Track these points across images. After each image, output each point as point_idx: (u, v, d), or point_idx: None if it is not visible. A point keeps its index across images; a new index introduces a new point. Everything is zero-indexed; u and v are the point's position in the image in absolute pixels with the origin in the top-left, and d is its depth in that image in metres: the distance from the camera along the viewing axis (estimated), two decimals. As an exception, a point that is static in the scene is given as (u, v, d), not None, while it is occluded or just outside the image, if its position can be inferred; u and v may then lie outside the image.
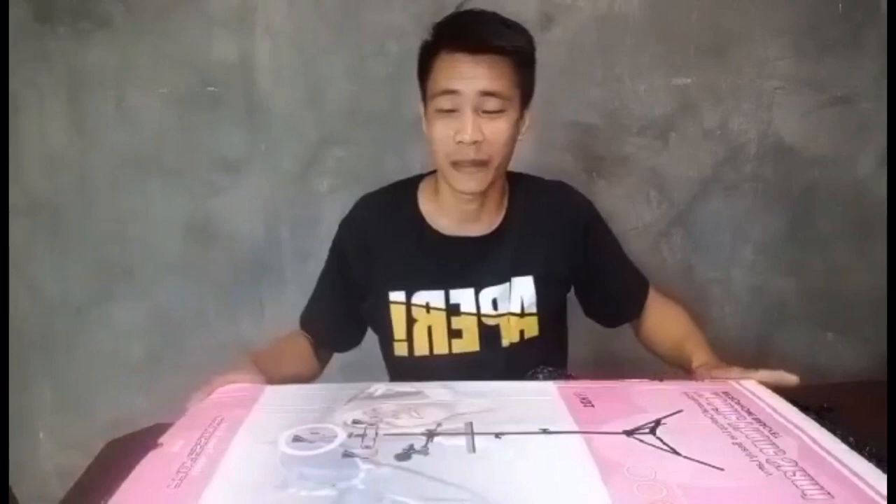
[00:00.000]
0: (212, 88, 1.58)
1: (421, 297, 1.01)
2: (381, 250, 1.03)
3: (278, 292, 1.68)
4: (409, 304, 1.01)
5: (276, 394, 0.75)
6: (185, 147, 1.61)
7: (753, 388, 0.76)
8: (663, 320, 1.07)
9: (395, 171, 1.29)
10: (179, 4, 1.53)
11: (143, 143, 1.60)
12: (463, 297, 1.01)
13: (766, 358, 1.79)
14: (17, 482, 1.14)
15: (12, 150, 1.55)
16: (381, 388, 0.75)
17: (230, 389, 0.78)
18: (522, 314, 1.02)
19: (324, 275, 1.10)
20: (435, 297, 1.01)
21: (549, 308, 1.04)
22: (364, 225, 1.05)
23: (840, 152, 1.71)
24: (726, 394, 0.74)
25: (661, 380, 0.81)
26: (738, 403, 0.70)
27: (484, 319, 1.01)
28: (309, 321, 1.09)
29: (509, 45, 0.90)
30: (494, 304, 1.01)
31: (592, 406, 0.69)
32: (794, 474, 0.55)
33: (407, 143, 1.59)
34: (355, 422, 0.65)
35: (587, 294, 1.11)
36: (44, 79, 1.56)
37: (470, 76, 0.89)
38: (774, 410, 0.69)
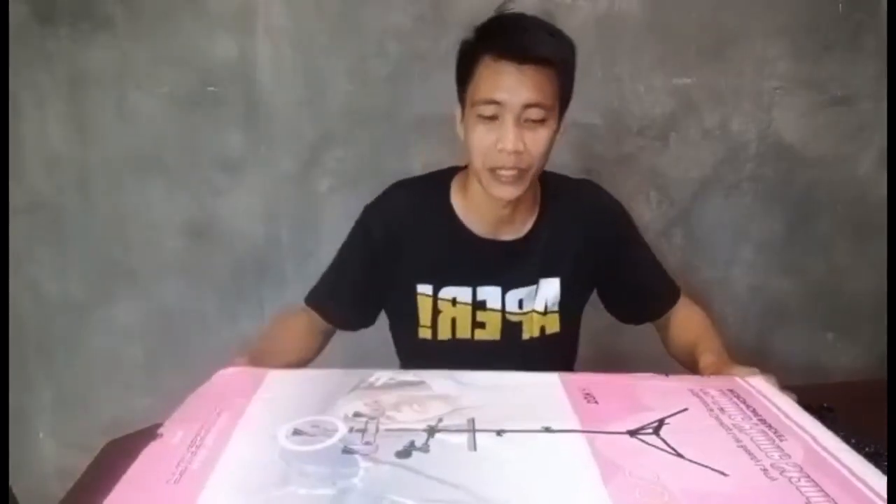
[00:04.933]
0: (212, 88, 1.58)
1: (448, 291, 1.02)
2: (411, 242, 1.02)
3: (278, 292, 1.68)
4: (435, 298, 1.02)
5: (276, 380, 0.74)
6: (185, 147, 1.61)
7: (760, 385, 0.75)
8: (684, 325, 1.08)
9: (394, 172, 1.29)
10: (180, 5, 1.53)
11: (144, 143, 1.60)
12: (490, 294, 1.02)
13: (766, 358, 1.79)
14: (17, 482, 1.14)
15: (13, 150, 1.55)
16: (383, 376, 0.73)
17: (230, 374, 0.76)
18: (545, 312, 1.04)
19: (343, 257, 1.07)
20: (462, 294, 1.02)
21: (572, 307, 1.06)
22: (394, 213, 1.04)
23: (840, 152, 1.71)
24: (732, 391, 0.73)
25: (666, 374, 0.80)
26: (744, 402, 0.70)
27: (508, 316, 1.03)
28: (320, 299, 1.07)
29: (556, 58, 0.89)
30: (520, 303, 1.03)
31: (596, 403, 0.68)
32: (799, 480, 0.55)
33: (407, 143, 1.59)
34: (356, 414, 0.64)
35: (614, 292, 1.11)
36: (44, 79, 1.56)
37: (515, 87, 0.88)
38: (780, 410, 0.68)
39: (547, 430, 0.62)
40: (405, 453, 0.57)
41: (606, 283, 1.09)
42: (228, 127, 1.61)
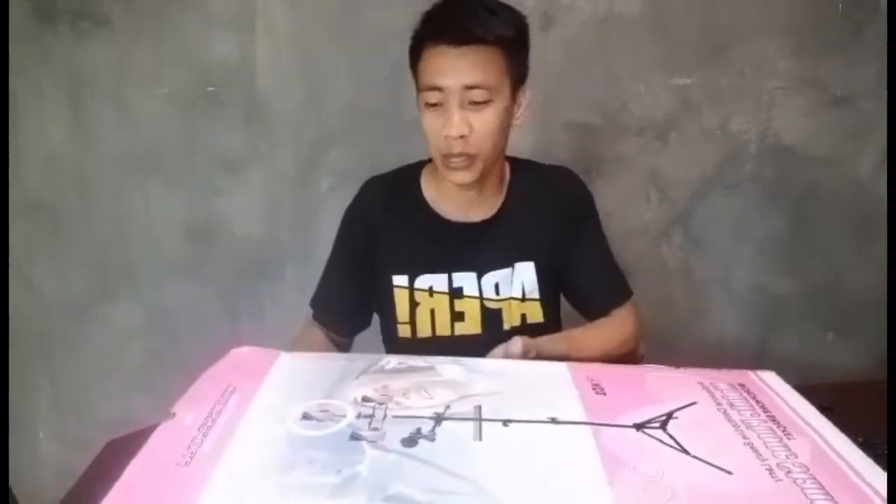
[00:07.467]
0: (212, 88, 1.58)
1: (424, 280, 1.02)
2: (385, 234, 1.04)
3: (278, 292, 1.68)
4: (411, 289, 1.02)
5: (288, 363, 0.74)
6: (185, 147, 1.61)
7: (771, 380, 0.74)
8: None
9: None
10: (179, 4, 1.53)
11: (143, 143, 1.60)
12: (465, 280, 1.02)
13: (766, 358, 1.79)
14: (17, 482, 1.14)
15: (12, 151, 1.55)
16: (393, 361, 0.74)
17: (243, 353, 0.77)
18: (523, 299, 1.03)
19: (332, 264, 1.09)
20: (438, 281, 1.02)
21: (551, 294, 1.06)
22: (369, 208, 1.06)
23: (840, 152, 1.71)
24: (742, 386, 0.71)
25: (677, 366, 0.79)
26: (754, 398, 0.68)
27: (486, 303, 1.03)
28: (323, 313, 1.09)
29: (492, 35, 0.88)
30: (496, 288, 1.03)
31: (604, 394, 0.67)
32: (805, 482, 0.54)
33: (407, 143, 1.59)
34: (365, 399, 0.64)
35: (563, 282, 1.09)
36: (44, 79, 1.56)
37: (454, 70, 0.88)
38: (790, 407, 0.67)
39: (553, 420, 0.61)
40: (411, 441, 0.57)
41: (565, 268, 1.07)
42: (228, 127, 1.60)
